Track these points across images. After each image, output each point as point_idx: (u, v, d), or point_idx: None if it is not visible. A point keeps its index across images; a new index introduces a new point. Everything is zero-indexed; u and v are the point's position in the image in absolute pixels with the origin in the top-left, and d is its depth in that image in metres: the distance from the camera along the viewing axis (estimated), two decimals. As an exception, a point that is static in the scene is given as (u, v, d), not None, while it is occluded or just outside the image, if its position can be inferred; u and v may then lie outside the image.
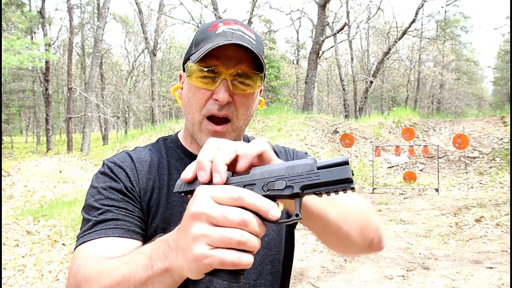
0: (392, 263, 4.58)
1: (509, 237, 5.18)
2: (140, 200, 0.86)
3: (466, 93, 35.91)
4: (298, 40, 37.38)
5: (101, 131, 34.37)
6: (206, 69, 0.83)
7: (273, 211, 0.51)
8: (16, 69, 23.05)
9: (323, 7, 16.99)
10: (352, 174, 0.52)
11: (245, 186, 0.55)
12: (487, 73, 49.85)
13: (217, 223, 0.50)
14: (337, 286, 4.08)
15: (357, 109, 23.54)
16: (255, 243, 0.50)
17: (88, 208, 0.82)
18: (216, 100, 0.83)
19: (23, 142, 33.45)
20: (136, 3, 23.85)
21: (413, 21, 20.57)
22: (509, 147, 10.95)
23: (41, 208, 7.45)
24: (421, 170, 11.20)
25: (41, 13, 20.98)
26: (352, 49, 28.12)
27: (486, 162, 10.99)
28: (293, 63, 36.22)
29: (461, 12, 29.64)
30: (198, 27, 21.07)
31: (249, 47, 0.80)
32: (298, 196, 0.54)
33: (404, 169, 11.31)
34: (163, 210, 0.86)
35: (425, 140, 12.74)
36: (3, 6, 15.71)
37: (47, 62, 20.29)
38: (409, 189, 9.22)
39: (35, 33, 25.69)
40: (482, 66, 42.46)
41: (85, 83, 25.74)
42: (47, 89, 21.53)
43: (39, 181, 9.56)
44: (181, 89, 0.93)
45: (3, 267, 4.40)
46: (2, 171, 9.26)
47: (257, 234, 0.51)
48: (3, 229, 5.53)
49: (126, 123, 37.32)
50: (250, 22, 19.29)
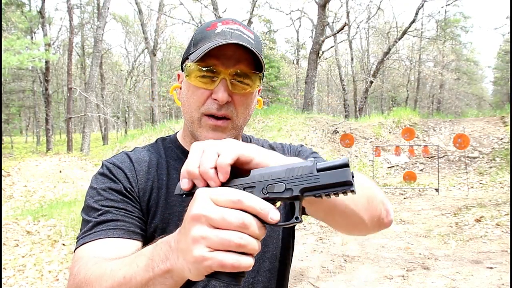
0: (392, 263, 4.58)
1: (509, 237, 5.18)
2: (140, 201, 0.86)
3: (466, 93, 35.90)
4: (298, 40, 37.38)
5: (101, 131, 34.37)
6: (205, 68, 0.83)
7: (272, 214, 0.51)
8: (16, 69, 23.05)
9: (323, 7, 16.99)
10: (353, 176, 0.51)
11: (244, 189, 0.55)
12: (487, 73, 49.91)
13: (217, 226, 0.50)
14: (337, 286, 4.07)
15: (357, 109, 23.54)
16: (254, 245, 0.50)
17: (87, 209, 0.82)
18: (215, 100, 0.83)
19: (23, 142, 33.45)
20: (136, 3, 23.85)
21: (413, 21, 20.56)
22: (509, 147, 10.94)
23: (41, 208, 7.45)
24: (421, 170, 11.20)
25: (41, 13, 20.98)
26: (352, 49, 28.11)
27: (486, 162, 10.99)
28: (293, 63, 36.21)
29: (461, 12, 29.69)
30: (198, 27, 21.03)
31: (248, 46, 0.80)
32: (297, 199, 0.54)
33: (404, 169, 11.30)
34: (162, 210, 0.87)
35: (425, 140, 12.74)
36: (3, 6, 15.70)
37: (47, 62, 20.29)
38: (409, 189, 9.21)
39: (35, 33, 25.70)
40: (482, 66, 42.51)
41: (85, 83, 25.73)
42: (47, 89, 21.53)
43: (39, 181, 9.55)
44: (180, 88, 0.93)
45: (3, 267, 4.40)
46: (2, 171, 9.26)
47: (257, 236, 0.51)
48: (3, 229, 5.53)
49: (126, 123, 37.33)
50: (250, 22, 19.28)
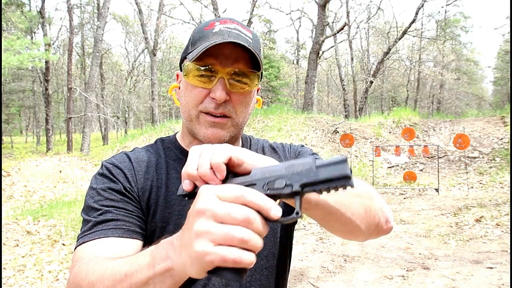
0: (392, 263, 4.58)
1: (509, 237, 5.18)
2: (139, 200, 0.86)
3: (466, 93, 35.88)
4: (298, 40, 37.37)
5: (101, 131, 34.38)
6: (203, 67, 0.83)
7: (275, 211, 0.52)
8: (16, 69, 23.05)
9: (323, 7, 16.99)
10: (351, 172, 0.52)
11: (246, 186, 0.55)
12: (487, 73, 49.91)
13: (222, 220, 0.50)
14: (337, 286, 4.07)
15: (357, 109, 23.55)
16: (257, 242, 0.50)
17: (87, 209, 0.83)
18: (213, 99, 0.83)
19: (23, 142, 33.44)
20: (136, 3, 23.85)
21: (413, 21, 20.57)
22: (509, 147, 10.95)
23: (41, 208, 7.45)
24: (421, 170, 11.20)
25: (41, 13, 20.98)
26: (352, 49, 28.13)
27: (486, 162, 10.99)
28: (293, 63, 36.22)
29: (461, 12, 29.64)
30: (196, 26, 21.04)
31: (246, 45, 0.80)
32: (298, 194, 0.54)
33: (404, 169, 11.31)
34: (161, 209, 0.87)
35: (425, 140, 12.74)
36: (3, 6, 15.70)
37: (47, 62, 20.29)
38: (409, 189, 9.21)
39: (35, 33, 25.69)
40: (482, 66, 42.46)
41: (85, 83, 25.73)
42: (47, 89, 21.53)
43: (39, 181, 9.56)
44: (178, 88, 0.93)
45: (3, 267, 4.40)
46: (2, 171, 9.26)
47: (260, 233, 0.51)
48: (3, 229, 5.54)
49: (126, 123, 37.34)
50: (250, 22, 19.27)
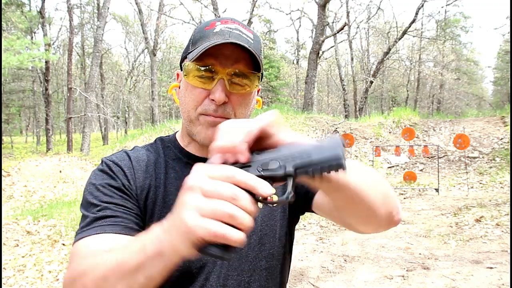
0: (392, 263, 4.58)
1: (509, 237, 5.18)
2: (137, 199, 0.86)
3: (466, 93, 35.86)
4: (298, 40, 37.35)
5: (101, 131, 34.37)
6: (203, 68, 0.82)
7: (265, 188, 0.53)
8: (16, 69, 23.03)
9: (323, 7, 16.99)
10: (343, 155, 0.52)
11: (241, 167, 0.57)
12: (487, 73, 49.83)
13: (210, 196, 0.52)
14: (337, 286, 4.07)
15: (357, 109, 23.55)
16: (246, 219, 0.51)
17: (86, 205, 0.83)
18: (213, 100, 0.83)
19: (23, 142, 33.42)
20: (136, 3, 23.85)
21: (413, 21, 20.57)
22: (509, 147, 10.95)
23: (41, 208, 7.45)
24: (421, 170, 11.20)
25: (41, 13, 20.98)
26: (352, 49, 28.12)
27: (486, 162, 10.99)
28: (293, 63, 36.22)
29: (461, 12, 29.59)
30: (197, 26, 21.04)
31: (246, 46, 0.80)
32: (291, 175, 0.55)
33: (404, 169, 11.30)
34: (159, 208, 0.87)
35: (425, 140, 12.74)
36: (3, 6, 15.70)
37: (47, 62, 20.28)
38: (409, 189, 9.21)
39: (35, 33, 25.68)
40: (482, 66, 42.41)
41: (85, 83, 25.73)
42: (47, 89, 21.53)
43: (39, 181, 9.55)
44: (178, 88, 0.93)
45: (3, 267, 4.40)
46: (2, 171, 9.26)
47: (248, 211, 0.52)
48: (3, 229, 5.53)
49: (126, 123, 37.33)
50: (250, 22, 19.27)
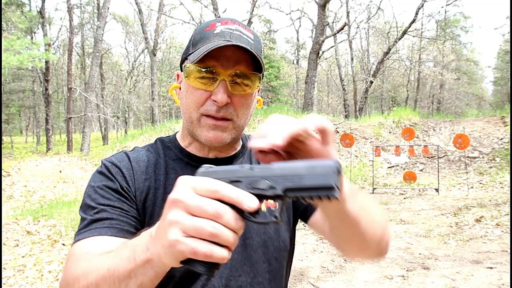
0: (392, 263, 4.58)
1: (509, 237, 5.18)
2: (136, 200, 0.86)
3: (466, 93, 35.86)
4: (298, 40, 37.36)
5: (101, 131, 34.37)
6: (204, 69, 0.82)
7: (249, 202, 0.51)
8: (16, 69, 23.03)
9: (323, 7, 16.99)
10: (336, 184, 0.49)
11: (231, 182, 0.55)
12: (487, 73, 49.83)
13: (193, 213, 0.51)
14: (337, 286, 4.07)
15: (357, 109, 23.55)
16: (228, 236, 0.51)
17: (84, 207, 0.83)
18: (215, 101, 0.82)
19: (23, 142, 33.43)
20: (136, 3, 23.85)
21: (413, 21, 20.58)
22: (509, 147, 10.95)
23: (41, 208, 7.45)
24: (421, 170, 11.20)
25: (41, 13, 20.98)
26: (352, 49, 28.12)
27: (486, 162, 10.99)
28: (293, 63, 36.22)
29: (461, 12, 29.61)
30: (197, 26, 21.03)
31: (247, 48, 0.79)
32: (280, 198, 0.53)
33: (404, 169, 11.30)
34: (159, 210, 0.86)
35: (425, 140, 12.74)
36: (3, 6, 15.70)
37: (47, 62, 20.28)
38: (409, 189, 9.21)
39: (35, 33, 25.68)
40: (482, 66, 42.41)
41: (85, 83, 25.72)
42: (47, 89, 21.53)
43: (39, 181, 9.55)
44: (179, 88, 0.93)
45: (3, 267, 4.40)
46: (2, 171, 9.26)
47: (232, 228, 0.51)
48: (3, 229, 5.53)
49: (126, 123, 37.32)
50: (250, 22, 19.27)
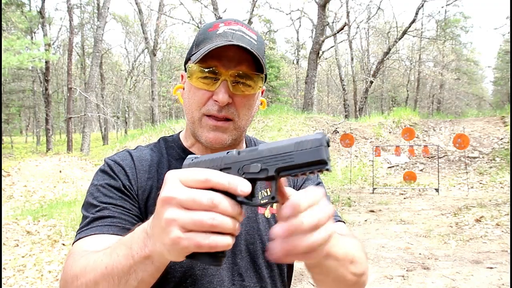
0: (392, 263, 4.58)
1: (509, 237, 5.18)
2: (138, 199, 0.86)
3: (466, 93, 35.86)
4: (298, 40, 37.36)
5: (101, 131, 34.36)
6: (206, 69, 0.83)
7: (242, 187, 0.51)
8: (16, 69, 23.02)
9: (323, 7, 16.99)
10: (328, 157, 0.51)
11: (221, 170, 0.55)
12: (487, 73, 49.86)
13: (188, 207, 0.50)
14: (337, 286, 4.07)
15: (357, 109, 23.55)
16: (228, 224, 0.50)
17: (87, 206, 0.84)
18: (216, 101, 0.83)
19: (23, 142, 33.41)
20: (136, 3, 23.85)
21: (413, 21, 20.57)
22: (509, 147, 10.95)
23: (41, 208, 7.44)
24: (421, 170, 11.20)
25: (41, 13, 20.97)
26: (352, 49, 28.12)
27: (486, 162, 10.99)
28: (293, 63, 36.21)
29: (461, 12, 29.64)
30: (198, 27, 21.04)
31: (249, 48, 0.79)
32: (273, 178, 0.54)
33: (404, 169, 11.30)
34: None
35: (425, 140, 12.74)
36: (3, 6, 15.69)
37: (47, 62, 20.28)
38: (409, 189, 9.21)
39: (35, 33, 25.68)
40: (482, 66, 42.43)
41: (85, 83, 25.72)
42: (47, 89, 21.52)
43: (39, 181, 9.55)
44: (183, 89, 0.93)
45: (3, 267, 4.40)
46: (2, 171, 9.25)
47: (230, 214, 0.51)
48: (3, 229, 5.53)
49: (126, 123, 37.31)
50: (250, 22, 19.27)
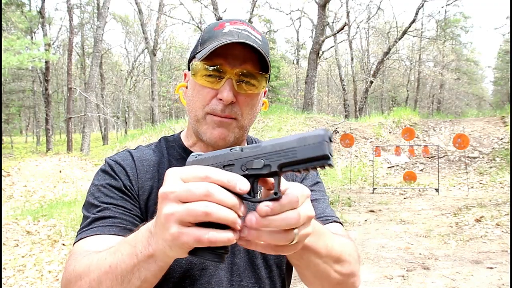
0: (392, 263, 4.58)
1: (509, 237, 5.18)
2: (139, 199, 0.86)
3: (466, 93, 35.86)
4: (298, 40, 37.36)
5: (101, 131, 34.35)
6: (211, 67, 0.82)
7: (241, 185, 0.51)
8: (16, 69, 23.03)
9: (323, 7, 16.99)
10: (330, 154, 0.51)
11: (224, 167, 0.55)
12: (487, 73, 49.93)
13: (184, 200, 0.50)
14: (337, 286, 4.07)
15: (357, 109, 23.55)
16: (225, 213, 0.50)
17: (87, 206, 0.84)
18: (220, 100, 0.83)
19: (23, 142, 33.41)
20: (136, 3, 23.85)
21: (413, 21, 20.58)
22: (509, 147, 10.95)
23: (41, 208, 7.44)
24: (421, 170, 11.20)
25: (41, 13, 20.97)
26: (352, 49, 28.12)
27: (486, 162, 10.99)
28: (293, 63, 36.21)
29: (461, 12, 29.63)
30: (198, 27, 21.05)
31: (255, 46, 0.80)
32: (276, 174, 0.54)
33: (404, 169, 11.30)
34: None
35: (425, 140, 12.74)
36: (3, 6, 15.69)
37: (47, 62, 20.27)
38: (409, 189, 9.21)
39: (35, 33, 25.68)
40: (482, 66, 42.45)
41: (85, 83, 25.71)
42: (47, 89, 21.52)
43: (39, 181, 9.54)
44: (186, 88, 0.93)
45: (3, 267, 4.40)
46: (2, 171, 9.25)
47: (227, 204, 0.50)
48: (3, 229, 5.53)
49: (126, 123, 37.30)
50: (250, 22, 19.14)
